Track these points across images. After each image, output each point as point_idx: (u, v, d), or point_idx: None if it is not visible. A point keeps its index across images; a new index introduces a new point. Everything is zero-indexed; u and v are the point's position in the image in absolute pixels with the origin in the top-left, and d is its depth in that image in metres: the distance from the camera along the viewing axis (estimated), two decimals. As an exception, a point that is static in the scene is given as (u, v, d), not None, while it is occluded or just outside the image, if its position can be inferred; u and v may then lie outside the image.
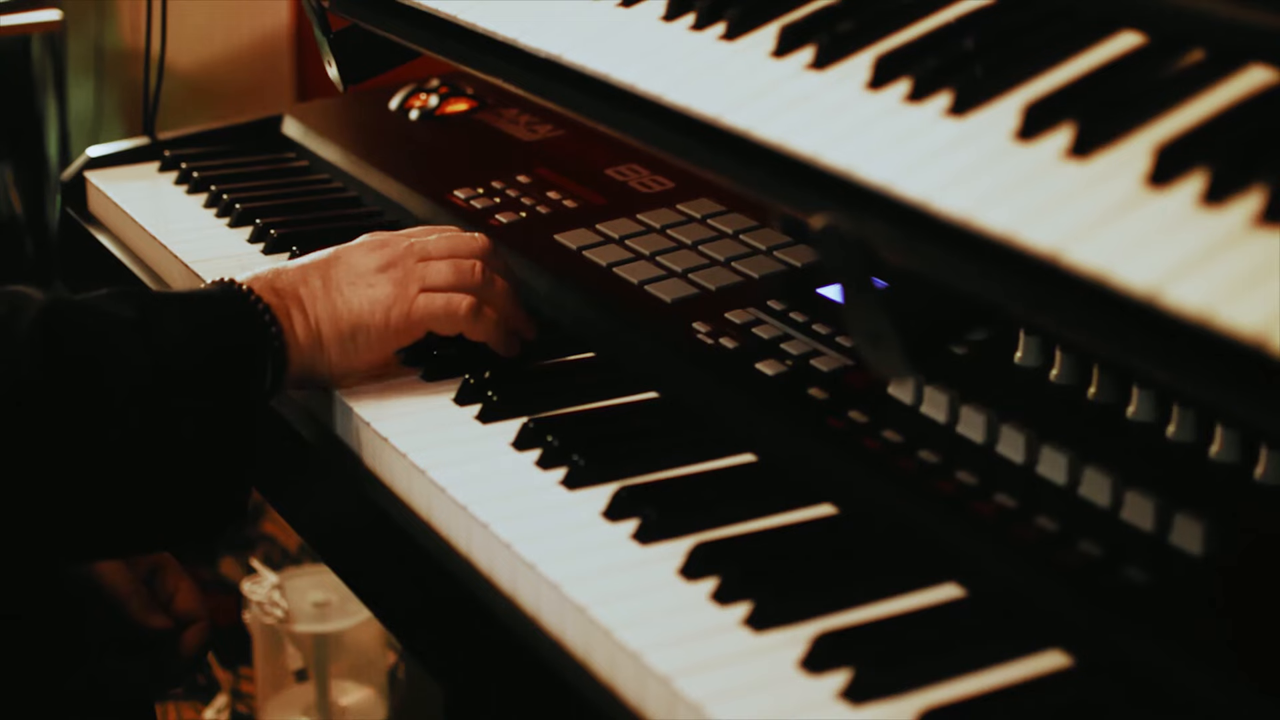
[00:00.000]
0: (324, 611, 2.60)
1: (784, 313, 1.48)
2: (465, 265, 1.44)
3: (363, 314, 1.40)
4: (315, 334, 1.39)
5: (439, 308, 1.42)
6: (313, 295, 1.40)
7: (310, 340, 1.39)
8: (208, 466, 1.31)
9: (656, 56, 1.28)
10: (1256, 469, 1.17)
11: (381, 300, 1.40)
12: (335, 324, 1.40)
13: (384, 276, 1.41)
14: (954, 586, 1.16)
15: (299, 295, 1.40)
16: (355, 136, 2.05)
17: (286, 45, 3.40)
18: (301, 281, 1.40)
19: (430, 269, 1.43)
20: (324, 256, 1.44)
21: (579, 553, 1.21)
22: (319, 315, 1.39)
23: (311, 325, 1.39)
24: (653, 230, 1.69)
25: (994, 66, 1.12)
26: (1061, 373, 1.31)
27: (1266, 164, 0.96)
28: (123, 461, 1.27)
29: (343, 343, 1.40)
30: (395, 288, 1.41)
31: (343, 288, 1.41)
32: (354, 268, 1.42)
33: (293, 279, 1.41)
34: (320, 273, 1.41)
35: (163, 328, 1.29)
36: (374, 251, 1.43)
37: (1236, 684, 1.01)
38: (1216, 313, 0.88)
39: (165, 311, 1.31)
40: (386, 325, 1.41)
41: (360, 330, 1.40)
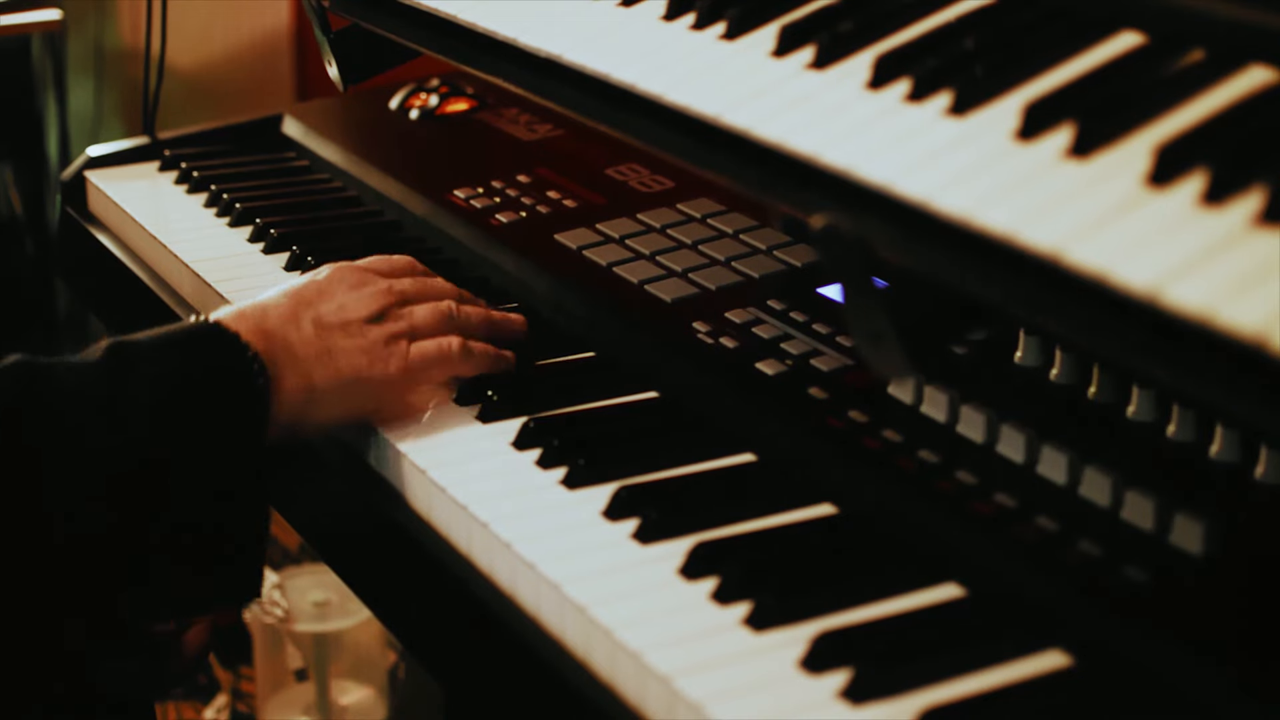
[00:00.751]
0: (324, 611, 2.60)
1: (784, 312, 1.48)
2: (444, 307, 1.42)
3: (361, 367, 1.36)
4: (308, 387, 1.33)
5: (433, 355, 1.39)
6: (305, 343, 1.34)
7: (301, 393, 1.33)
8: (199, 546, 1.27)
9: (656, 56, 1.28)
10: (1257, 469, 1.17)
11: (378, 353, 1.36)
12: (334, 375, 1.35)
13: (376, 327, 1.38)
14: (954, 586, 1.16)
15: (290, 342, 1.33)
16: (355, 136, 2.05)
17: (286, 45, 3.40)
18: (293, 325, 1.35)
19: (416, 315, 1.40)
20: (303, 294, 1.38)
21: (579, 552, 1.21)
22: (312, 366, 1.34)
23: (304, 376, 1.33)
24: (653, 230, 1.69)
25: (994, 66, 1.12)
26: (1062, 372, 1.31)
27: (1266, 164, 0.96)
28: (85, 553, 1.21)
29: (340, 394, 1.35)
30: (388, 339, 1.37)
31: (336, 336, 1.36)
32: (344, 311, 1.37)
33: (281, 320, 1.34)
34: (310, 315, 1.36)
35: (129, 408, 1.23)
36: (357, 292, 1.39)
37: (1236, 684, 1.01)
38: (1216, 312, 0.88)
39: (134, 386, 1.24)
40: (386, 379, 1.37)
41: (360, 383, 1.36)
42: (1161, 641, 1.05)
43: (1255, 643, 1.04)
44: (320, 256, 1.70)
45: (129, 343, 1.28)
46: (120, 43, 3.42)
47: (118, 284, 1.87)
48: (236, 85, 3.41)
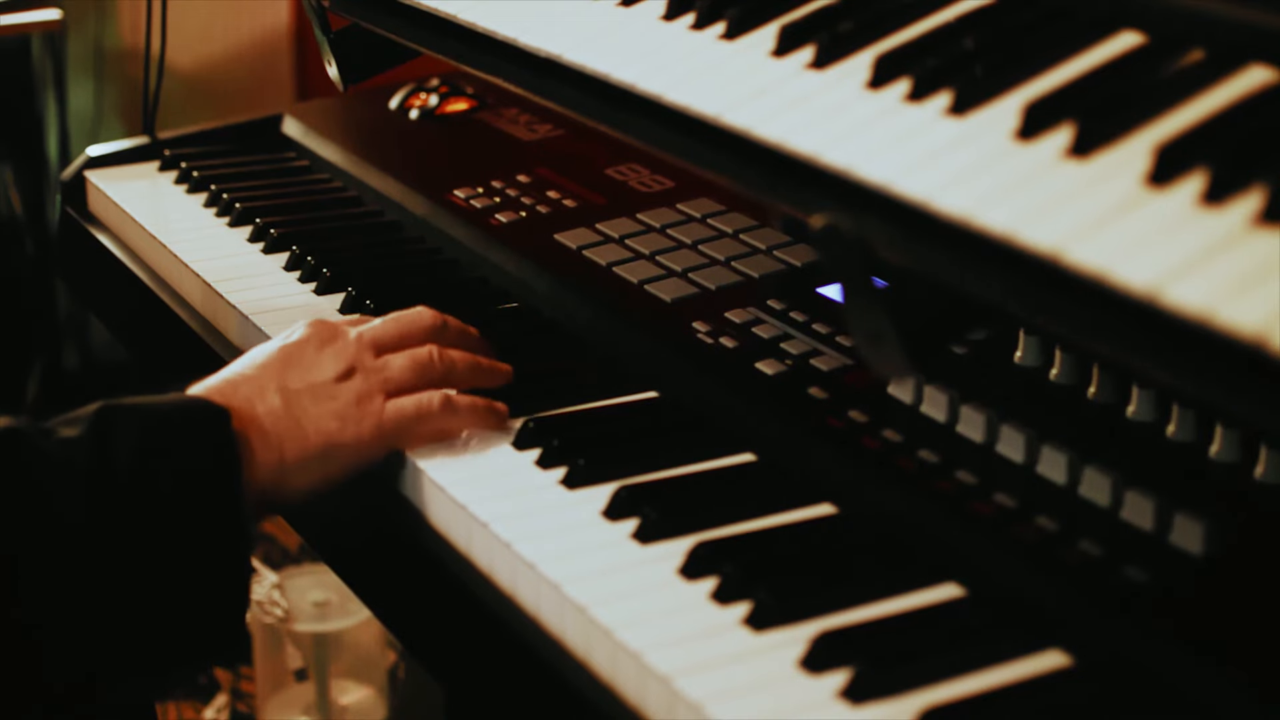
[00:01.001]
0: (324, 611, 2.60)
1: (784, 312, 1.48)
2: (422, 356, 1.35)
3: (332, 433, 1.29)
4: (279, 460, 1.27)
5: (410, 414, 1.32)
6: (273, 414, 1.28)
7: (272, 467, 1.27)
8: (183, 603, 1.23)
9: (656, 56, 1.28)
10: (1256, 469, 1.17)
11: (350, 415, 1.30)
12: (303, 447, 1.28)
13: (346, 386, 1.31)
14: (954, 586, 1.16)
15: (257, 415, 1.28)
16: (355, 136, 2.05)
17: (286, 45, 3.40)
18: (258, 397, 1.29)
19: (391, 369, 1.34)
20: (271, 361, 1.33)
21: (579, 552, 1.21)
22: (282, 439, 1.28)
23: (274, 451, 1.27)
24: (653, 230, 1.69)
25: (994, 66, 1.12)
26: (1061, 372, 1.31)
27: (1266, 164, 0.96)
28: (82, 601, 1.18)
29: (310, 466, 1.29)
30: (360, 399, 1.31)
31: (305, 403, 1.30)
32: (310, 374, 1.31)
33: (248, 395, 1.29)
34: (276, 383, 1.30)
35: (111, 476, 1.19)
36: (325, 349, 1.33)
37: (1237, 684, 1.01)
38: (1216, 312, 0.88)
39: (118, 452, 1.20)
40: (359, 441, 1.30)
41: (332, 450, 1.30)
42: (1161, 641, 1.05)
43: (1255, 643, 1.04)
44: (320, 257, 1.70)
45: (114, 409, 1.23)
46: (120, 43, 3.42)
47: (118, 284, 1.87)
48: (236, 85, 3.41)
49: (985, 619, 1.12)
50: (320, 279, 1.67)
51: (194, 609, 1.24)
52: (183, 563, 1.22)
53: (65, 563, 1.17)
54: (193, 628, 1.24)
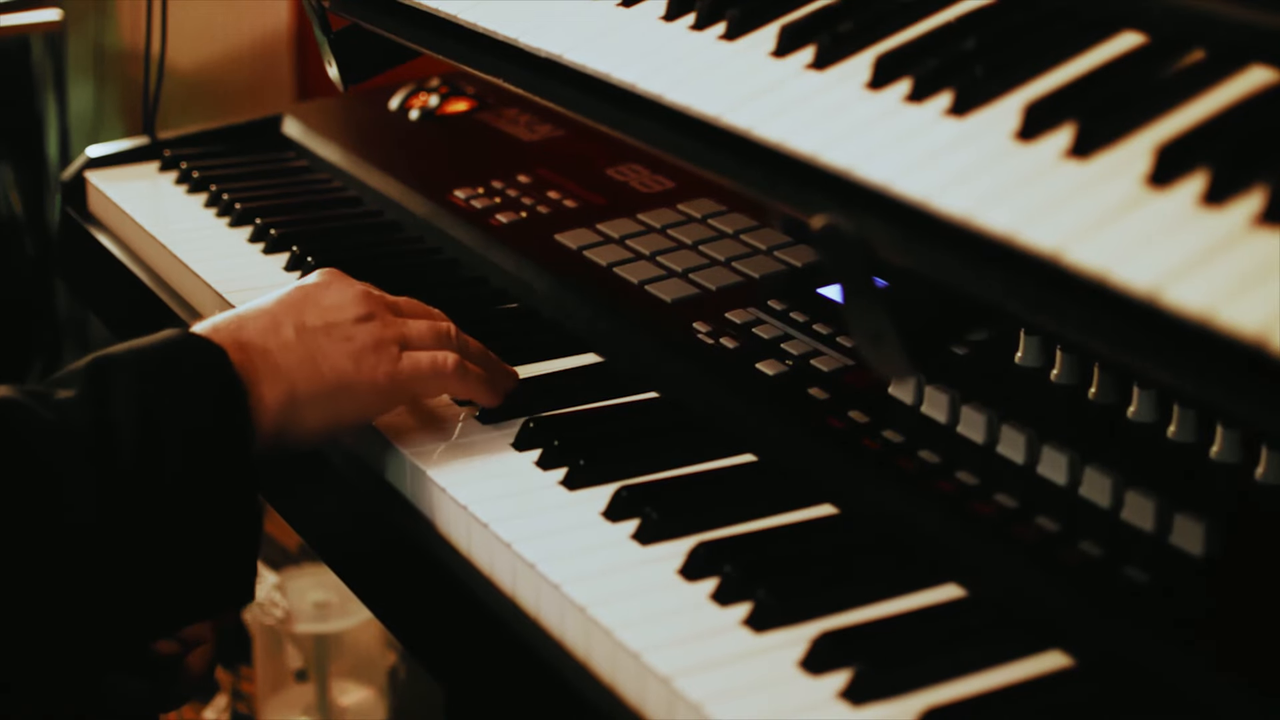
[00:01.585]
0: (324, 611, 2.60)
1: (784, 313, 1.48)
2: (442, 327, 1.35)
3: (346, 372, 1.28)
4: (290, 395, 1.26)
5: (426, 367, 1.31)
6: (285, 348, 1.26)
7: (283, 404, 1.26)
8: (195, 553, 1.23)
9: (656, 56, 1.28)
10: (1257, 469, 1.17)
11: (366, 357, 1.29)
12: (316, 382, 1.27)
13: (364, 328, 1.30)
14: (954, 587, 1.16)
15: (268, 349, 1.26)
16: (355, 136, 2.05)
17: (286, 45, 3.40)
18: (272, 331, 1.27)
19: (410, 326, 1.33)
20: (287, 297, 1.31)
21: (579, 553, 1.21)
22: (294, 373, 1.26)
23: (286, 384, 1.26)
24: (653, 230, 1.69)
25: (994, 67, 1.12)
26: (1062, 373, 1.31)
27: (1267, 164, 0.96)
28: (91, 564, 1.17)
29: (325, 402, 1.27)
30: (377, 343, 1.29)
31: (320, 338, 1.28)
32: (328, 313, 1.30)
33: (261, 328, 1.27)
34: (292, 319, 1.28)
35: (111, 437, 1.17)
36: (345, 293, 1.32)
37: (1237, 684, 1.01)
38: (1217, 313, 0.88)
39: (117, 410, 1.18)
40: (374, 385, 1.29)
41: (345, 390, 1.28)
42: (1162, 642, 1.05)
43: (1255, 643, 1.04)
44: (320, 257, 1.70)
45: (108, 362, 1.22)
46: (120, 43, 3.42)
47: (117, 284, 1.87)
48: (236, 85, 3.41)
49: (986, 619, 1.12)
50: (320, 279, 1.67)
51: (206, 555, 1.23)
52: (190, 510, 1.21)
53: (71, 530, 1.16)
54: (206, 575, 1.24)
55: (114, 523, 1.17)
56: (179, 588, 1.23)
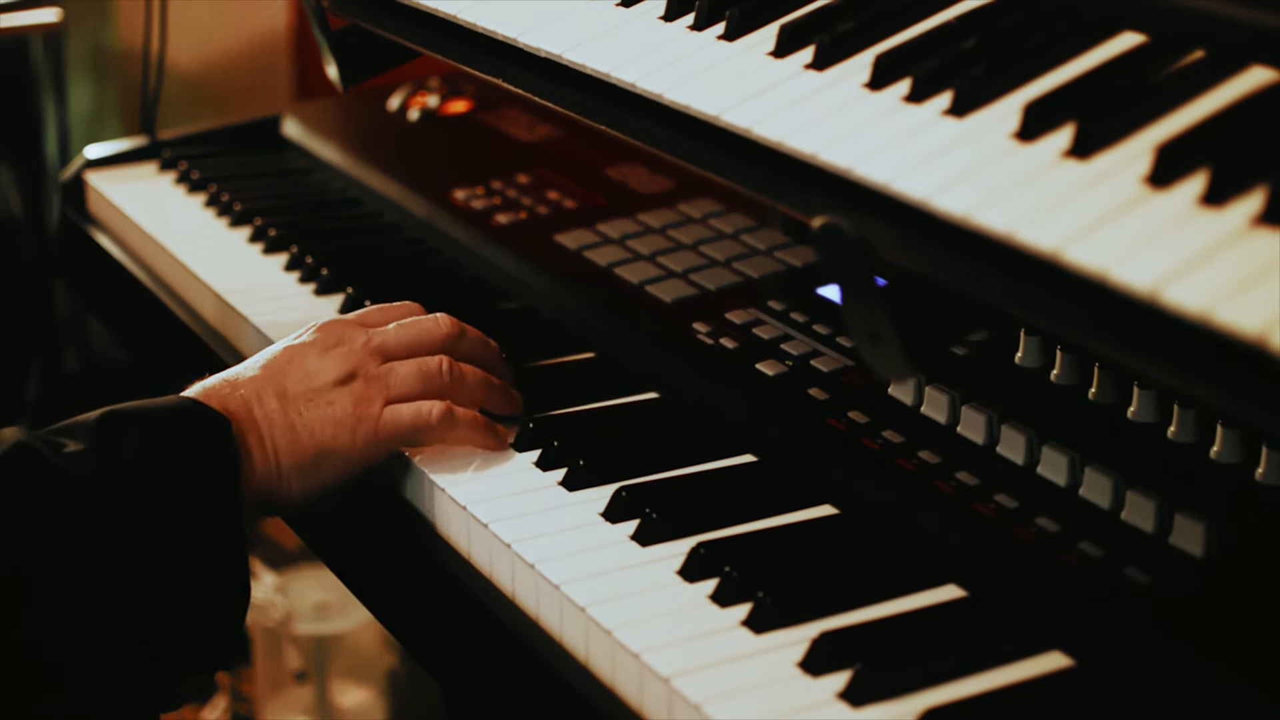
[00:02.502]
0: (324, 613, 2.60)
1: (784, 313, 1.48)
2: (431, 366, 1.33)
3: (325, 440, 1.28)
4: (274, 465, 1.27)
5: (407, 423, 1.30)
6: (269, 419, 1.27)
7: (268, 472, 1.27)
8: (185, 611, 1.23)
9: (656, 56, 1.28)
10: (1257, 470, 1.17)
11: (345, 421, 1.29)
12: (297, 453, 1.27)
13: (344, 391, 1.30)
14: (954, 587, 1.16)
15: (254, 419, 1.27)
16: (355, 136, 2.05)
17: (286, 45, 3.40)
18: (256, 401, 1.28)
19: (394, 376, 1.31)
20: (274, 362, 1.31)
21: (579, 553, 1.20)
22: (277, 444, 1.27)
23: (270, 456, 1.27)
24: (653, 231, 1.69)
25: (994, 67, 1.12)
26: (1062, 373, 1.31)
27: (1267, 164, 0.96)
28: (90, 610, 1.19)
29: (304, 471, 1.28)
30: (357, 405, 1.29)
31: (300, 407, 1.28)
32: (310, 378, 1.30)
33: (245, 397, 1.28)
34: (274, 387, 1.29)
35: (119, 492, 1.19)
36: (328, 354, 1.31)
37: (1237, 684, 1.01)
38: (1217, 313, 0.88)
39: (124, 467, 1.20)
40: (352, 449, 1.29)
41: (325, 457, 1.28)
42: (1162, 643, 1.05)
43: (1256, 644, 1.04)
44: (319, 257, 1.70)
45: (117, 418, 1.23)
46: (120, 43, 3.42)
47: (117, 285, 1.87)
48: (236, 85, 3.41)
49: (986, 620, 1.12)
50: (320, 279, 1.67)
51: (195, 614, 1.24)
52: (185, 571, 1.22)
53: (73, 575, 1.17)
54: (194, 633, 1.24)
55: (111, 573, 1.18)
56: (167, 637, 1.23)
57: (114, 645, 1.21)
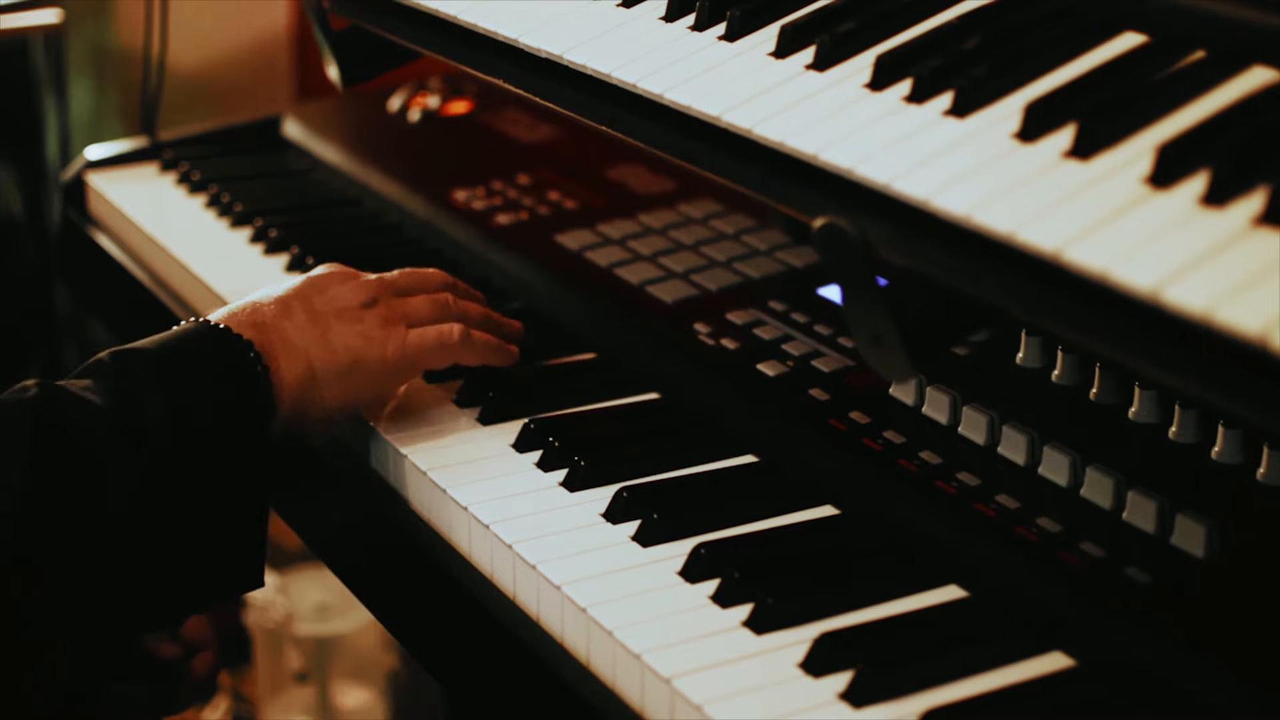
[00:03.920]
0: (325, 613, 2.60)
1: (785, 313, 1.48)
2: (441, 299, 1.40)
3: (358, 349, 1.33)
4: (308, 371, 1.31)
5: (432, 340, 1.36)
6: (300, 329, 1.32)
7: (301, 379, 1.31)
8: (215, 537, 1.27)
9: (657, 57, 1.28)
10: (1259, 470, 1.17)
11: (375, 337, 1.34)
12: (331, 358, 1.32)
13: (370, 313, 1.35)
14: (955, 588, 1.16)
15: (283, 329, 1.32)
16: (355, 137, 2.05)
17: (286, 45, 3.40)
18: (284, 314, 1.33)
19: (410, 305, 1.38)
20: (299, 286, 1.36)
21: (580, 554, 1.20)
22: (310, 351, 1.32)
23: (302, 361, 1.31)
24: (653, 231, 1.69)
25: (995, 67, 1.12)
26: (1063, 374, 1.31)
27: (1268, 165, 0.96)
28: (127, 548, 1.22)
29: (340, 378, 1.33)
30: (384, 325, 1.35)
31: (330, 321, 1.34)
32: (336, 300, 1.35)
33: (274, 312, 1.33)
34: (303, 304, 1.34)
35: (144, 420, 1.22)
36: (348, 283, 1.37)
37: (1237, 684, 1.00)
38: (1218, 313, 0.88)
39: (146, 396, 1.23)
40: (384, 361, 1.34)
41: (358, 366, 1.33)
42: (1163, 643, 1.05)
43: (1256, 643, 1.04)
44: (320, 258, 1.70)
45: (131, 357, 1.26)
46: (120, 43, 3.42)
47: (117, 286, 1.87)
48: (236, 86, 3.41)
49: (987, 621, 1.12)
50: (321, 280, 1.67)
51: (217, 542, 1.27)
52: (215, 491, 1.25)
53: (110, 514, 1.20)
54: (214, 560, 1.28)
55: (149, 505, 1.22)
56: (199, 568, 1.27)
57: (151, 574, 1.24)
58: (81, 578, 1.20)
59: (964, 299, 1.07)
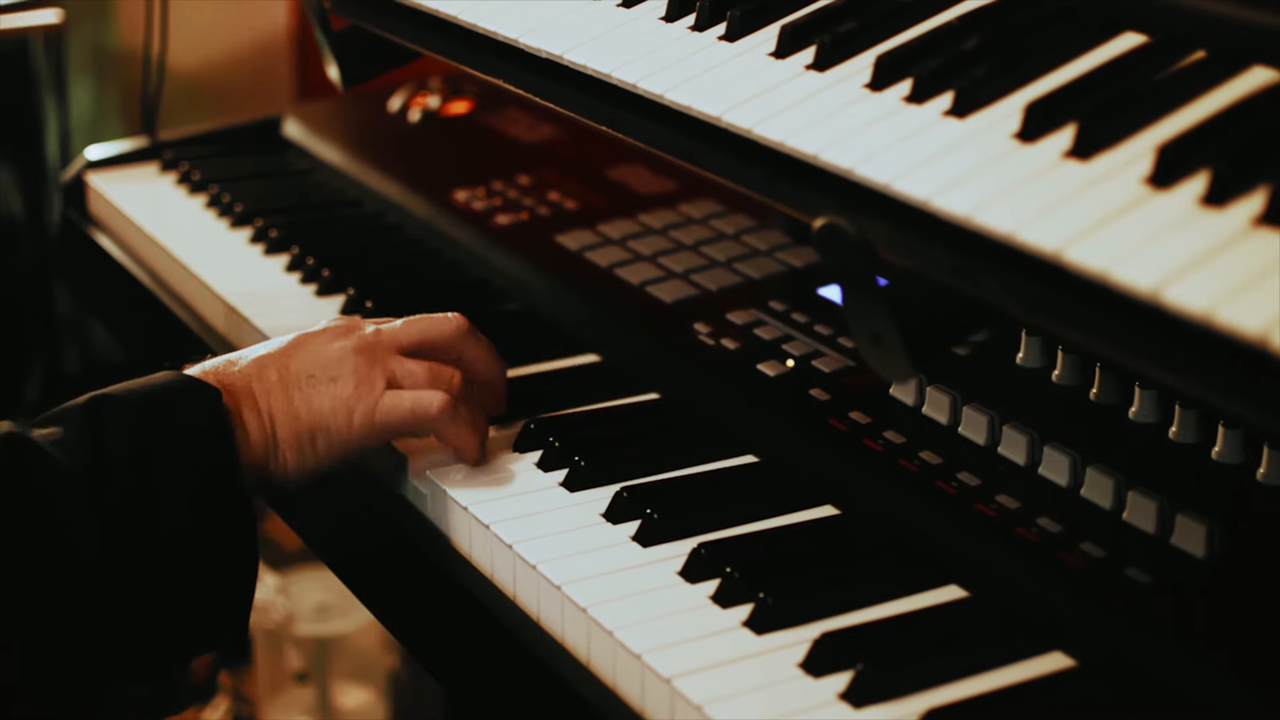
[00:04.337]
0: (325, 614, 2.60)
1: (785, 314, 1.48)
2: (444, 373, 1.31)
3: (323, 414, 1.27)
4: (269, 436, 1.26)
5: (406, 409, 1.28)
6: (267, 391, 1.27)
7: (263, 443, 1.26)
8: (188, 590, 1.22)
9: (657, 57, 1.28)
10: (1259, 470, 1.17)
11: (344, 398, 1.27)
12: (293, 425, 1.27)
13: (348, 367, 1.29)
14: (956, 588, 1.16)
15: (252, 391, 1.27)
16: (356, 137, 2.05)
17: (286, 45, 3.40)
18: (255, 375, 1.28)
19: (402, 365, 1.30)
20: (283, 345, 1.31)
21: (580, 554, 1.20)
22: (274, 415, 1.26)
23: (266, 427, 1.26)
24: (653, 231, 1.69)
25: (995, 67, 1.12)
26: (1063, 374, 1.31)
27: (1268, 165, 0.96)
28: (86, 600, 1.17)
29: (300, 446, 1.27)
30: (359, 385, 1.28)
31: (301, 383, 1.28)
32: (315, 357, 1.29)
33: (245, 372, 1.28)
34: (277, 365, 1.29)
35: (107, 473, 1.18)
36: (337, 339, 1.31)
37: (1237, 684, 1.00)
38: (1218, 313, 0.88)
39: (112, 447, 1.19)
40: (349, 428, 1.27)
41: (320, 432, 1.27)
42: (1163, 643, 1.05)
43: (1257, 643, 1.04)
44: (320, 258, 1.70)
45: (104, 401, 1.22)
46: (120, 43, 3.42)
47: (118, 286, 1.87)
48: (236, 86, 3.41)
49: (987, 621, 1.12)
50: (321, 281, 1.67)
51: (201, 597, 1.23)
52: (186, 550, 1.20)
53: (67, 567, 1.16)
54: (199, 616, 1.23)
55: (113, 559, 1.17)
56: (178, 620, 1.23)
57: (120, 630, 1.19)
58: (45, 631, 1.16)
59: (964, 299, 1.07)
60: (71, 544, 1.16)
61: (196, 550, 1.21)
